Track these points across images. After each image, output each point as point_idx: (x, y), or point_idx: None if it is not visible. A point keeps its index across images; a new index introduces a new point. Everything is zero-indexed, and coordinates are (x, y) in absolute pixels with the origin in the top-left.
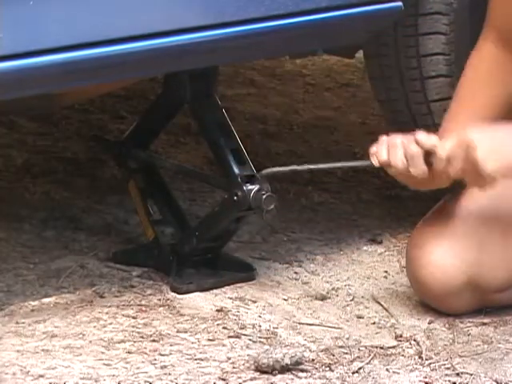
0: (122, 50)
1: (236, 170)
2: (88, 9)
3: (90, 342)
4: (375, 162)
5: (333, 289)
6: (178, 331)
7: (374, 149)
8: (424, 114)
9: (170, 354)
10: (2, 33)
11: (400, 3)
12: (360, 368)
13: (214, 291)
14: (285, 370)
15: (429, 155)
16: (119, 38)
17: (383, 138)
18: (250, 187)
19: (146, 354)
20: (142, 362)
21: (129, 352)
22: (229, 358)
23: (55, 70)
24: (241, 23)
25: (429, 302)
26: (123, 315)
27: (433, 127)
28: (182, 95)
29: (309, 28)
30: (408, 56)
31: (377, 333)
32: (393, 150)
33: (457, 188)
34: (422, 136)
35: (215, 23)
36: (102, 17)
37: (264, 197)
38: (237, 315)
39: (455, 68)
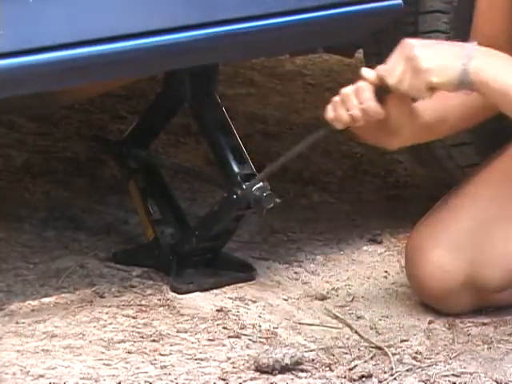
0: (122, 48)
1: (236, 169)
2: (88, 7)
3: (90, 342)
4: (335, 123)
5: (333, 289)
6: (178, 331)
7: (329, 112)
8: None
9: (170, 353)
10: (3, 30)
11: (400, 1)
12: (360, 368)
13: (214, 291)
14: (285, 370)
15: (380, 92)
16: (119, 36)
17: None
18: (250, 186)
19: (146, 354)
20: (142, 361)
21: (129, 352)
22: (229, 358)
23: (55, 67)
24: (241, 21)
25: (428, 301)
26: (123, 315)
27: None
28: (182, 94)
29: (309, 26)
30: None
31: (377, 333)
32: (346, 99)
33: (456, 188)
34: (366, 70)
35: (215, 21)
36: (102, 15)
37: (264, 195)
38: (237, 315)
39: None
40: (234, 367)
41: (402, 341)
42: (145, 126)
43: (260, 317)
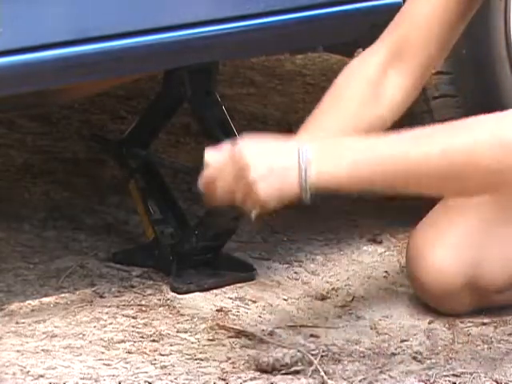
0: (121, 46)
1: None
2: (87, 4)
3: (90, 342)
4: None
5: (333, 289)
6: (177, 331)
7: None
8: (423, 112)
9: (170, 353)
10: (2, 27)
11: None
12: (359, 368)
13: (214, 291)
14: (285, 369)
15: None
16: (119, 34)
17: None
18: None
19: (146, 354)
20: (142, 362)
21: (129, 352)
22: (229, 358)
23: (55, 65)
24: (240, 19)
25: (429, 302)
26: (123, 315)
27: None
28: (181, 92)
29: (308, 24)
30: None
31: (377, 333)
32: None
33: None
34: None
35: (215, 19)
36: (101, 12)
37: None
38: (237, 315)
39: (455, 65)
40: (233, 367)
41: (402, 341)
42: (145, 126)
43: (260, 317)
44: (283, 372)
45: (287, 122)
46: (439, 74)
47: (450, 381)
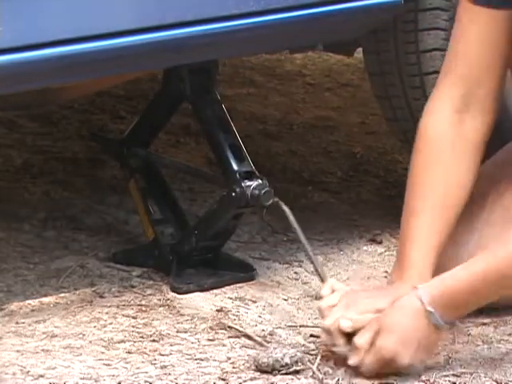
0: (122, 44)
1: (235, 167)
2: (87, 2)
3: (90, 342)
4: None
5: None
6: (177, 331)
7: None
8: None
9: (170, 353)
10: (2, 26)
11: None
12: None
13: (214, 291)
14: (285, 369)
15: None
16: (119, 32)
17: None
18: (249, 183)
19: (146, 354)
20: (142, 362)
21: (129, 352)
22: (229, 358)
23: (55, 63)
24: (240, 17)
25: None
26: (123, 315)
27: None
28: (181, 91)
29: (308, 22)
30: (407, 52)
31: None
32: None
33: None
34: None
35: (215, 17)
36: (102, 11)
37: (262, 193)
38: (237, 315)
39: None
40: (233, 367)
41: None
42: (145, 125)
43: (260, 317)
44: (283, 372)
45: (287, 122)
46: (439, 73)
47: (449, 381)
